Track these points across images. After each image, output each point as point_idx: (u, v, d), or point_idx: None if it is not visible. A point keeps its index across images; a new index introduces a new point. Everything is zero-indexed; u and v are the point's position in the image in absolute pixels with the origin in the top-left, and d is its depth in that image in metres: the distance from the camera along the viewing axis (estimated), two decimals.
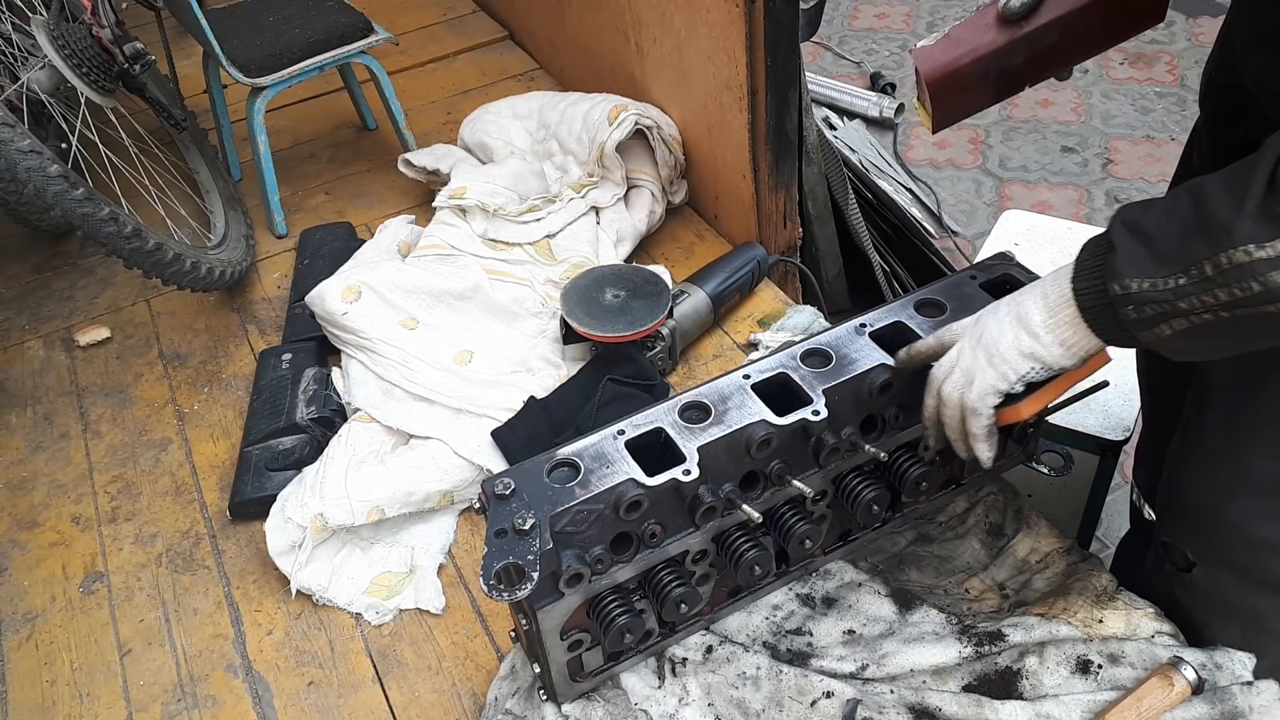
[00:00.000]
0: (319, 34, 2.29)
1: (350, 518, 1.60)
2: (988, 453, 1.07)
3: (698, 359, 1.97)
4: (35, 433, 1.98)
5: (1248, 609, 1.16)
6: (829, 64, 3.82)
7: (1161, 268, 0.85)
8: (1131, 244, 0.87)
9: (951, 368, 1.06)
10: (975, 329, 1.05)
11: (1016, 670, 1.17)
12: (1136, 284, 0.86)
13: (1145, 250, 0.86)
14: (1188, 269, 0.83)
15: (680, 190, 2.31)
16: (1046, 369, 0.99)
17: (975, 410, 1.04)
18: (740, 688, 1.19)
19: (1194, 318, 0.84)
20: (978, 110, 1.19)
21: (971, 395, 1.03)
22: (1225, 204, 0.80)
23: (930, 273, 2.49)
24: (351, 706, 1.48)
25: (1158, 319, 0.86)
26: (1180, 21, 3.78)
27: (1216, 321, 0.83)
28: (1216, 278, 0.81)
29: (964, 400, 1.04)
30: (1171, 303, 0.85)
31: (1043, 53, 1.11)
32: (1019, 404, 1.04)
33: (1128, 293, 0.87)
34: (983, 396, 1.02)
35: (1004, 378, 1.01)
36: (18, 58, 2.10)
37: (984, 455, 1.07)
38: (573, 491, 1.05)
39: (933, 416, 1.11)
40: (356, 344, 1.90)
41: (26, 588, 1.69)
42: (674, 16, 2.05)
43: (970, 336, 1.05)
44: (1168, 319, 0.86)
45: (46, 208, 1.73)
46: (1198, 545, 1.16)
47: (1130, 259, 0.87)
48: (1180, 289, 0.84)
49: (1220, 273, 0.80)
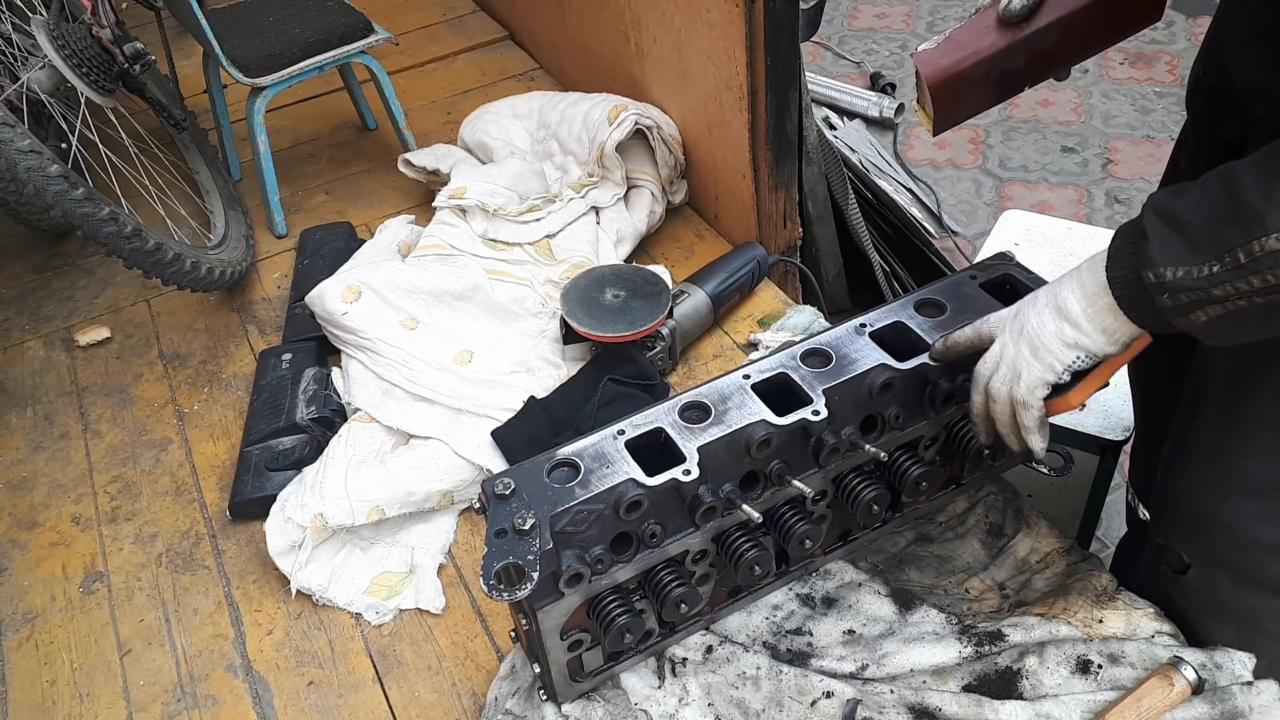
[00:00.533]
0: (319, 34, 2.29)
1: (350, 518, 1.60)
2: (1041, 443, 1.07)
3: (698, 359, 1.97)
4: (35, 433, 1.98)
5: (1243, 610, 1.16)
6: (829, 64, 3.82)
7: (1195, 255, 0.85)
8: (1165, 232, 0.87)
9: (996, 363, 1.06)
10: (1015, 322, 1.04)
11: (1016, 670, 1.17)
12: (1171, 272, 0.86)
13: (1179, 238, 0.86)
14: (1221, 256, 0.83)
15: (680, 190, 2.31)
16: (1091, 356, 0.99)
17: (1026, 403, 1.04)
18: (740, 688, 1.19)
19: (1228, 304, 0.84)
20: (979, 112, 1.20)
21: (1021, 389, 1.03)
22: (1258, 191, 0.80)
23: (930, 273, 2.49)
24: (351, 706, 1.48)
25: (1193, 306, 0.86)
26: (1180, 21, 3.78)
27: (1251, 307, 0.83)
28: (1250, 265, 0.81)
29: (1013, 394, 1.04)
30: (1206, 290, 0.85)
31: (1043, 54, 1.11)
32: (1068, 394, 1.04)
33: (1162, 281, 0.87)
34: (1032, 389, 1.03)
35: (1051, 369, 1.01)
36: (18, 58, 2.10)
37: (1037, 446, 1.07)
38: (573, 491, 1.05)
39: (982, 413, 1.11)
40: (356, 344, 1.90)
41: (26, 588, 1.69)
42: (674, 16, 2.06)
43: (1011, 330, 1.05)
44: (1202, 306, 0.86)
45: (46, 208, 1.73)
46: (1192, 547, 1.16)
47: (1164, 247, 0.87)
48: (1214, 276, 0.84)
49: (1253, 260, 0.81)
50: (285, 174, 2.50)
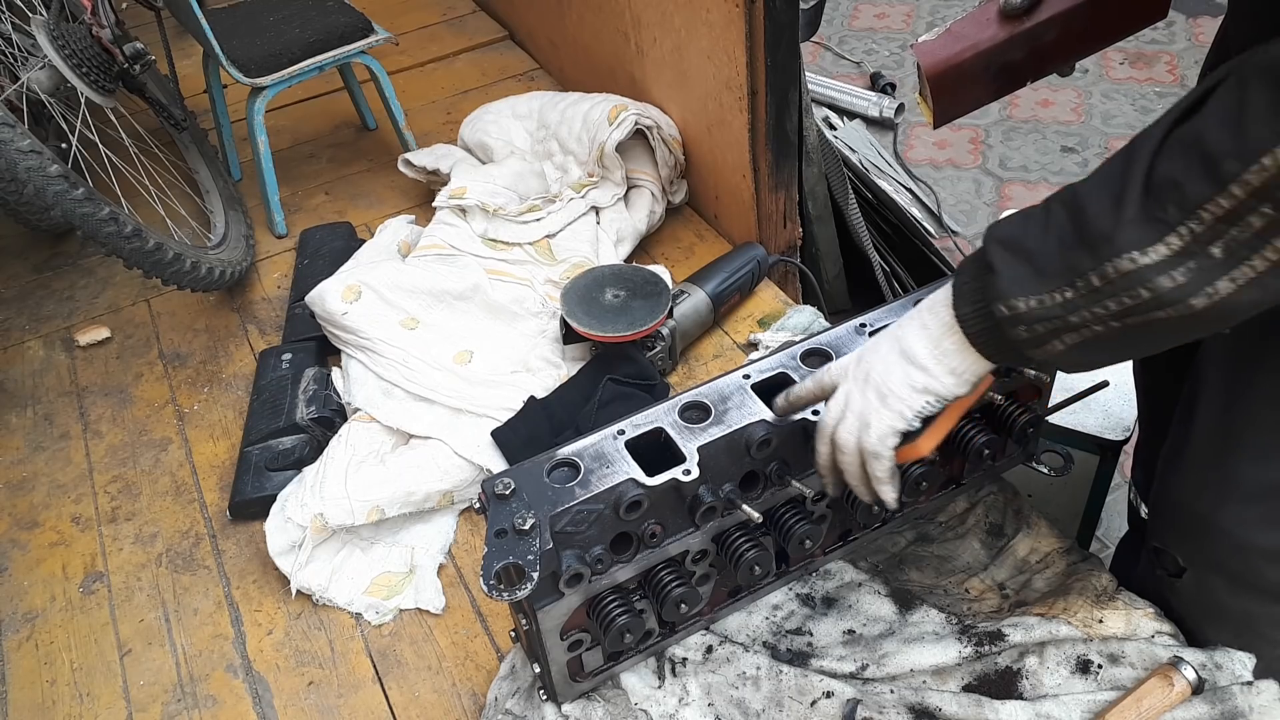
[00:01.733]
0: (319, 34, 2.29)
1: (350, 518, 1.60)
2: (892, 494, 1.03)
3: (698, 359, 1.97)
4: (35, 433, 1.98)
5: (1240, 614, 1.16)
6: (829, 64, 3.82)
7: (1046, 284, 0.83)
8: (1012, 263, 0.85)
9: (842, 412, 1.02)
10: (859, 369, 1.01)
11: (1016, 670, 1.17)
12: (1024, 303, 0.84)
13: (1027, 268, 0.84)
14: (1073, 282, 0.81)
15: (680, 190, 2.31)
16: (940, 400, 0.96)
17: (876, 454, 1.00)
18: (740, 688, 1.19)
19: (1085, 330, 0.82)
20: (979, 105, 1.19)
21: (871, 439, 0.99)
22: (1103, 212, 0.79)
23: (930, 273, 2.49)
24: (351, 706, 1.48)
25: (1049, 335, 0.85)
26: (1180, 21, 3.78)
27: (1108, 332, 0.82)
28: (1104, 288, 0.79)
29: (863, 444, 1.00)
30: (1062, 317, 0.83)
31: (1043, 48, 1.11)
32: (917, 441, 1.02)
33: (1015, 313, 0.85)
34: (882, 439, 0.99)
35: (901, 416, 0.97)
36: (18, 58, 2.09)
37: (889, 497, 1.04)
38: (573, 491, 1.05)
39: (828, 464, 1.07)
40: (356, 344, 1.90)
41: (26, 588, 1.69)
42: (674, 16, 2.06)
43: (855, 378, 1.01)
44: (1059, 334, 0.84)
45: (46, 208, 1.73)
46: (1188, 551, 1.16)
47: (1013, 279, 0.85)
48: (1069, 303, 0.82)
49: (1108, 283, 0.79)
50: (285, 174, 2.50)
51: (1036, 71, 1.14)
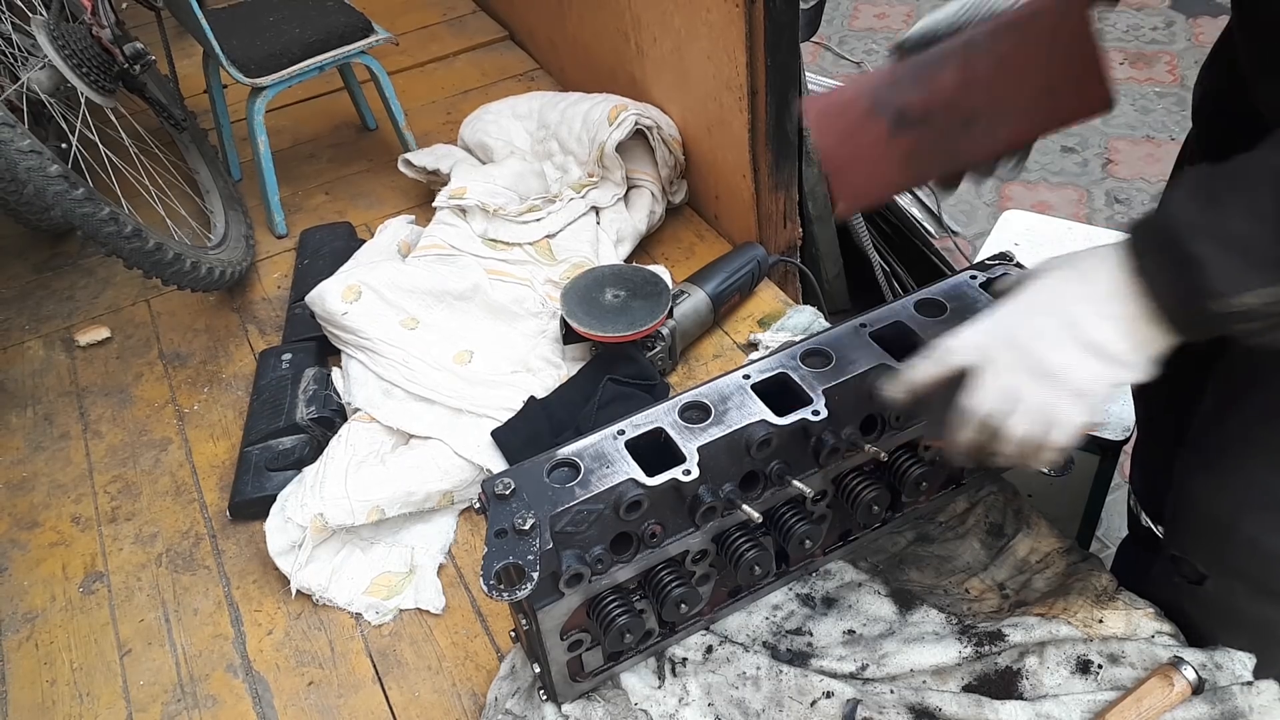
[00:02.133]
0: (319, 34, 2.29)
1: (350, 518, 1.60)
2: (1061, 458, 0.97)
3: (698, 359, 1.97)
4: (35, 433, 1.98)
5: (1259, 620, 1.15)
6: (829, 64, 3.82)
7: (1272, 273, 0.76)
8: (1222, 255, 0.77)
9: (1011, 405, 0.91)
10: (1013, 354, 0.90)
11: (1016, 670, 1.17)
12: (1253, 298, 0.76)
13: (1242, 260, 0.76)
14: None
15: (680, 190, 2.31)
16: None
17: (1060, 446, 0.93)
18: (740, 688, 1.19)
19: None
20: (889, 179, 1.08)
21: (1061, 437, 0.91)
22: None
23: (930, 273, 2.49)
24: (351, 706, 1.48)
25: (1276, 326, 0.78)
26: (1180, 21, 3.78)
27: None
28: None
29: (1048, 442, 0.92)
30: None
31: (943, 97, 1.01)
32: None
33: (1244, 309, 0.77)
34: (1074, 435, 0.91)
35: (1097, 412, 0.89)
36: (18, 58, 2.09)
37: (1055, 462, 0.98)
38: (573, 491, 1.05)
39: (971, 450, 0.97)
40: (356, 344, 1.90)
41: (26, 588, 1.69)
42: (674, 16, 2.05)
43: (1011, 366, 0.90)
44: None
45: (46, 208, 1.74)
46: (1209, 558, 1.15)
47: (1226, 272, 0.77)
48: None
49: None
50: (285, 174, 2.50)
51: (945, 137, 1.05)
